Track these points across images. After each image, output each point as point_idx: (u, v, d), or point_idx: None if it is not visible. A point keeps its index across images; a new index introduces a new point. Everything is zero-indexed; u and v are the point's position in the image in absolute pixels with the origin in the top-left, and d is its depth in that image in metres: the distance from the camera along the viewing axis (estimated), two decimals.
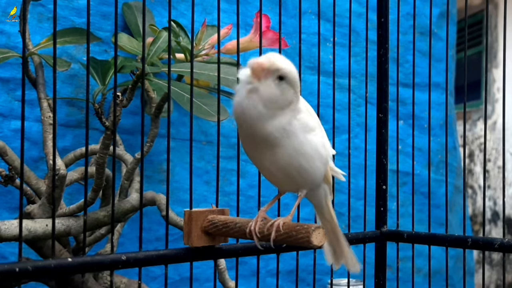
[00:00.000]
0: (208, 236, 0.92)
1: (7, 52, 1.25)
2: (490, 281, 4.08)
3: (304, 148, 0.83)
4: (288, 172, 0.84)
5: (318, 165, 0.86)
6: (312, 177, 0.86)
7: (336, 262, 0.99)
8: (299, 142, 0.82)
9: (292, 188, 0.89)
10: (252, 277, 1.52)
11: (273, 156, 0.83)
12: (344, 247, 0.98)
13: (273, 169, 0.85)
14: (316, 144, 0.85)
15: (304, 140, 0.83)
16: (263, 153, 0.83)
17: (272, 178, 0.87)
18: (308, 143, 0.83)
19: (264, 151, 0.83)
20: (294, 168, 0.84)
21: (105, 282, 1.29)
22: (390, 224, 1.30)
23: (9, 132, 1.38)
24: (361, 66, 1.72)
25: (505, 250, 1.09)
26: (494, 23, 4.10)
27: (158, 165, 1.55)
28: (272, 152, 0.83)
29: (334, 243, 0.98)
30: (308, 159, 0.84)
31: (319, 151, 0.85)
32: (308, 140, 0.83)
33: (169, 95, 0.95)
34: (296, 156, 0.83)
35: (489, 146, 4.21)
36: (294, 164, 0.83)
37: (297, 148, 0.83)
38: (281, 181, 0.88)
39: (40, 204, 1.16)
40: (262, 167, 0.87)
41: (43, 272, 0.79)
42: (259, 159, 0.85)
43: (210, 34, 1.34)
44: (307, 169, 0.84)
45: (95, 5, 1.47)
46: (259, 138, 0.82)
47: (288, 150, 0.82)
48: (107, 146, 1.17)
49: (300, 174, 0.85)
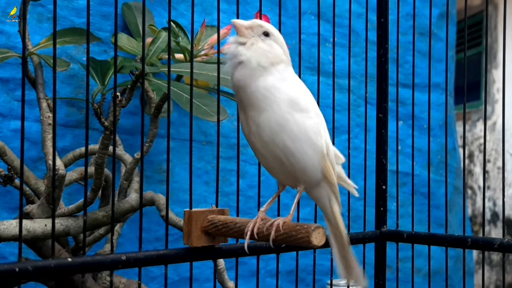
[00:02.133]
0: (208, 236, 0.92)
1: (6, 52, 1.25)
2: (490, 282, 4.08)
3: (289, 126, 0.81)
4: (274, 152, 0.82)
5: (308, 151, 0.83)
6: (302, 164, 0.83)
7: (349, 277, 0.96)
8: (282, 116, 0.81)
9: (288, 180, 0.87)
10: (251, 277, 1.52)
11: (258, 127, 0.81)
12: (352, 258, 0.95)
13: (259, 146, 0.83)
14: (305, 126, 0.82)
15: (289, 117, 0.81)
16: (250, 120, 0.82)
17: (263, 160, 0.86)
18: (294, 121, 0.81)
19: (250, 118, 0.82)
20: (278, 148, 0.82)
21: (104, 282, 1.29)
22: (390, 224, 1.30)
23: (8, 132, 1.38)
24: (361, 67, 1.72)
25: (504, 250, 1.09)
26: (494, 23, 4.10)
27: (157, 165, 1.55)
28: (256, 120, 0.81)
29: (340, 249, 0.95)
30: (294, 139, 0.81)
31: (309, 136, 0.82)
32: (294, 118, 0.81)
33: (169, 95, 0.95)
34: (280, 132, 0.81)
35: (488, 146, 4.21)
36: (278, 142, 0.81)
37: (279, 122, 0.81)
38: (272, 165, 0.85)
39: (39, 204, 1.16)
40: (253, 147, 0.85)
41: (43, 272, 0.79)
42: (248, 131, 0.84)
43: (209, 34, 1.34)
44: (293, 152, 0.82)
45: (95, 5, 1.47)
46: (245, 95, 0.82)
47: (271, 120, 0.80)
48: (106, 146, 1.16)
49: (287, 158, 0.82)
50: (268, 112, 0.81)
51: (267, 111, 0.81)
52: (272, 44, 0.84)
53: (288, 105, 0.81)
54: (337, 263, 0.96)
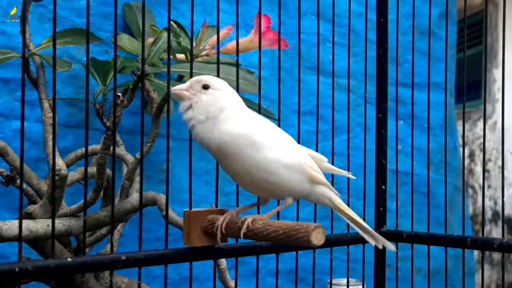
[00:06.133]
0: (208, 236, 0.92)
1: (8, 53, 1.25)
2: (490, 281, 4.08)
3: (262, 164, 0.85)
4: (257, 185, 0.87)
5: (287, 174, 0.86)
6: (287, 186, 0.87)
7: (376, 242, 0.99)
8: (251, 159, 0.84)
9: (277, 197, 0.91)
10: (251, 277, 1.52)
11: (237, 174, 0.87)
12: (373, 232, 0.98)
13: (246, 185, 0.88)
14: (275, 159, 0.85)
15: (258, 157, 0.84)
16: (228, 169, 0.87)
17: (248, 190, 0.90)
18: (264, 159, 0.85)
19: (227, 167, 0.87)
20: (261, 182, 0.86)
21: (106, 282, 1.29)
22: (390, 224, 1.30)
23: (10, 132, 1.39)
24: (361, 66, 1.71)
25: (504, 250, 1.09)
26: (494, 23, 4.10)
27: (158, 165, 1.56)
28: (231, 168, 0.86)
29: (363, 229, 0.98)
30: (272, 172, 0.85)
31: (283, 163, 0.86)
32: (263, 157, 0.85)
33: (169, 95, 0.95)
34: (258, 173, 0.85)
35: (489, 146, 4.21)
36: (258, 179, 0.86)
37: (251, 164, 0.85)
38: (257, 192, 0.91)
39: (41, 204, 1.17)
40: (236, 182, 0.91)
41: (43, 272, 0.79)
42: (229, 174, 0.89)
43: (210, 34, 1.35)
44: (274, 181, 0.86)
45: (96, 5, 1.48)
46: (210, 150, 0.86)
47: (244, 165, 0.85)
48: (108, 147, 1.17)
49: (272, 187, 0.87)
50: (237, 159, 0.85)
51: (237, 157, 0.85)
52: (213, 94, 0.86)
53: (251, 148, 0.84)
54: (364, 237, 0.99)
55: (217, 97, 0.86)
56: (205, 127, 0.85)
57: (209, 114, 0.85)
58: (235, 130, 0.84)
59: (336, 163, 1.22)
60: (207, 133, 0.85)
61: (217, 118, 0.85)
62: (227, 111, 0.86)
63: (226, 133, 0.84)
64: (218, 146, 0.85)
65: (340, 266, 1.00)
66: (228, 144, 0.84)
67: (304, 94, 1.69)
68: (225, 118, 0.85)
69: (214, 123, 0.85)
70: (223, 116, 0.85)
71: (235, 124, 0.85)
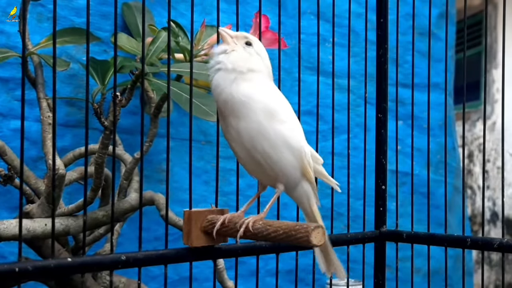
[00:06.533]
0: (208, 236, 0.92)
1: (6, 52, 1.25)
2: (489, 281, 4.09)
3: (268, 133, 0.84)
4: (254, 157, 0.85)
5: (286, 154, 0.86)
6: (282, 168, 0.86)
7: (327, 270, 0.98)
8: (260, 124, 0.83)
9: (268, 180, 0.90)
10: (251, 277, 1.52)
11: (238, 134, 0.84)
12: (332, 252, 0.98)
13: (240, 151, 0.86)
14: (282, 132, 0.85)
15: (266, 125, 0.84)
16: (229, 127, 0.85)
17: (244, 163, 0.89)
18: (271, 129, 0.84)
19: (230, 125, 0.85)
20: (258, 153, 0.85)
21: (104, 282, 1.29)
22: (390, 224, 1.30)
23: (8, 131, 1.39)
24: (361, 67, 1.72)
25: (504, 250, 1.09)
26: (494, 23, 4.10)
27: (157, 165, 1.55)
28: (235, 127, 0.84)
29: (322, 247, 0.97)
30: (273, 145, 0.84)
31: (286, 140, 0.85)
32: (271, 126, 0.84)
33: (169, 95, 0.95)
34: (259, 139, 0.84)
35: (488, 146, 4.21)
36: (257, 148, 0.84)
37: (258, 130, 0.83)
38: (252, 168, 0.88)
39: (39, 203, 1.16)
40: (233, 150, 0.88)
41: (42, 272, 0.79)
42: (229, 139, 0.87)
43: (209, 34, 1.34)
44: (272, 157, 0.85)
45: (95, 5, 1.47)
46: (222, 100, 0.84)
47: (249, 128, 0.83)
48: (106, 146, 1.17)
49: (266, 162, 0.85)
50: (245, 120, 0.83)
51: (244, 119, 0.83)
52: (252, 53, 0.87)
53: (264, 114, 0.84)
54: (317, 257, 0.99)
55: (252, 57, 0.86)
56: (227, 76, 0.84)
57: (237, 68, 0.84)
58: (255, 93, 0.84)
59: (336, 163, 1.22)
60: (225, 82, 0.84)
61: (242, 75, 0.84)
62: (255, 74, 0.86)
63: (245, 92, 0.83)
64: (232, 101, 0.83)
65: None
66: (244, 104, 0.83)
67: (303, 94, 1.69)
68: (249, 79, 0.84)
69: (236, 77, 0.84)
70: (248, 76, 0.85)
71: (257, 88, 0.84)
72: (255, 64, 0.86)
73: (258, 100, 0.84)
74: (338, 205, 1.30)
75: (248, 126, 0.84)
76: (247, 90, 0.84)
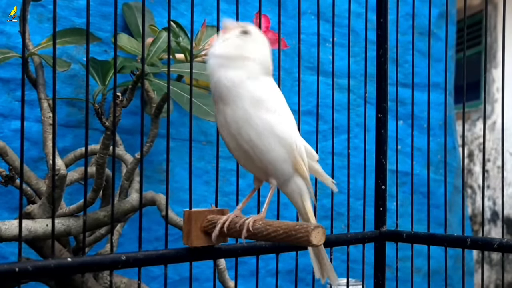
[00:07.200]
0: (208, 236, 0.92)
1: (7, 53, 1.25)
2: (490, 281, 4.09)
3: (253, 121, 0.83)
4: (242, 146, 0.84)
5: (274, 145, 0.84)
6: (271, 161, 0.85)
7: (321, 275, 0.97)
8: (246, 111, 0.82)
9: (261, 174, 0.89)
10: (251, 277, 1.52)
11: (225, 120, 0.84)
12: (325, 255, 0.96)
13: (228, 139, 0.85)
14: (269, 122, 0.84)
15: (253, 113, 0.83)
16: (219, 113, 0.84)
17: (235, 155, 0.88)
18: (258, 117, 0.83)
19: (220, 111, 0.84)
20: (245, 141, 0.84)
21: (105, 282, 1.29)
22: (389, 224, 1.30)
23: (9, 132, 1.39)
24: (361, 66, 1.72)
25: (504, 250, 1.09)
26: (494, 23, 4.10)
27: (158, 165, 1.56)
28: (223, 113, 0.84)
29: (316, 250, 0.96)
30: (259, 133, 0.83)
31: (274, 131, 0.84)
32: (258, 115, 0.83)
33: (168, 95, 0.95)
34: (244, 126, 0.83)
35: (488, 146, 4.21)
36: (244, 136, 0.83)
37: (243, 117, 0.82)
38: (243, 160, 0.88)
39: (40, 204, 1.16)
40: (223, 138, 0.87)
41: (42, 272, 0.79)
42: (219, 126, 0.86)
43: (209, 34, 1.34)
44: (259, 146, 0.84)
45: (95, 5, 1.47)
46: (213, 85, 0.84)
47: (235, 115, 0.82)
48: (107, 146, 1.17)
49: (254, 152, 0.84)
50: (231, 107, 0.83)
51: (232, 105, 0.83)
52: (246, 41, 0.85)
53: (250, 101, 0.83)
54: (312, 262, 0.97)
55: (246, 44, 0.85)
56: (218, 61, 0.84)
57: (227, 54, 0.84)
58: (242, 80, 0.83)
59: (336, 163, 1.22)
60: (214, 67, 0.84)
61: (232, 61, 0.83)
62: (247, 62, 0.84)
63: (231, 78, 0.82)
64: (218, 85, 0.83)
65: (340, 266, 1.00)
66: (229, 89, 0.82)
67: (303, 94, 1.69)
68: (240, 66, 0.83)
69: (225, 63, 0.83)
70: (239, 63, 0.84)
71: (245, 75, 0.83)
72: (247, 52, 0.84)
73: (243, 86, 0.83)
74: (338, 205, 1.31)
75: (234, 113, 0.83)
76: (233, 75, 0.83)
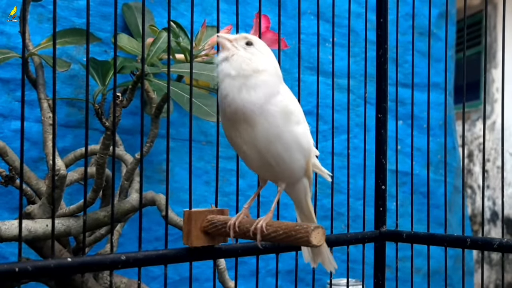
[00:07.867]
0: (208, 236, 0.92)
1: (7, 53, 1.25)
2: (489, 281, 4.09)
3: (284, 136, 0.82)
4: (266, 159, 0.83)
5: (298, 157, 0.85)
6: (291, 169, 0.85)
7: (312, 261, 0.98)
8: (278, 128, 0.81)
9: (271, 177, 0.89)
10: (251, 277, 1.52)
11: (254, 139, 0.82)
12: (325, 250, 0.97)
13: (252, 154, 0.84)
14: (297, 135, 0.83)
15: (284, 128, 0.82)
16: (243, 133, 0.82)
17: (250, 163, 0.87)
18: (288, 132, 0.82)
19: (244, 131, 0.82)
20: (272, 156, 0.83)
21: (105, 282, 1.29)
22: (389, 224, 1.30)
23: (9, 132, 1.39)
24: (360, 67, 1.72)
25: (504, 250, 1.09)
26: (493, 23, 4.10)
27: (158, 165, 1.56)
28: (251, 132, 0.81)
29: None
30: (287, 148, 0.83)
31: (300, 143, 0.84)
32: (288, 129, 0.82)
33: (168, 95, 0.95)
34: (275, 143, 0.82)
35: (488, 146, 4.21)
36: (272, 151, 0.82)
37: (275, 133, 0.81)
38: (259, 168, 0.87)
39: (40, 204, 1.16)
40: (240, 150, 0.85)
41: (42, 272, 0.79)
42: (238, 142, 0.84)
43: (209, 34, 1.34)
44: (285, 159, 0.83)
45: (95, 5, 1.47)
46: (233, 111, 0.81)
47: (266, 133, 0.81)
48: (107, 147, 1.17)
49: (278, 164, 0.84)
50: (264, 124, 0.81)
51: (262, 125, 0.81)
52: (254, 52, 0.83)
53: (281, 117, 0.82)
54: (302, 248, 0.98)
55: (255, 56, 0.83)
56: (233, 83, 0.81)
57: (241, 72, 0.81)
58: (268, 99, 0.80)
59: (336, 163, 1.22)
60: (233, 91, 0.80)
61: (248, 79, 0.81)
62: (261, 74, 0.82)
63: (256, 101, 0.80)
64: (243, 111, 0.80)
65: (340, 266, 1.00)
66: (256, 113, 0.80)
67: (303, 94, 1.69)
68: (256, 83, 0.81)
69: (244, 82, 0.80)
70: (254, 78, 0.81)
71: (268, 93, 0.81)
72: (259, 64, 0.82)
73: (272, 103, 0.81)
74: (338, 205, 1.31)
75: (266, 131, 0.81)
76: (257, 96, 0.80)
